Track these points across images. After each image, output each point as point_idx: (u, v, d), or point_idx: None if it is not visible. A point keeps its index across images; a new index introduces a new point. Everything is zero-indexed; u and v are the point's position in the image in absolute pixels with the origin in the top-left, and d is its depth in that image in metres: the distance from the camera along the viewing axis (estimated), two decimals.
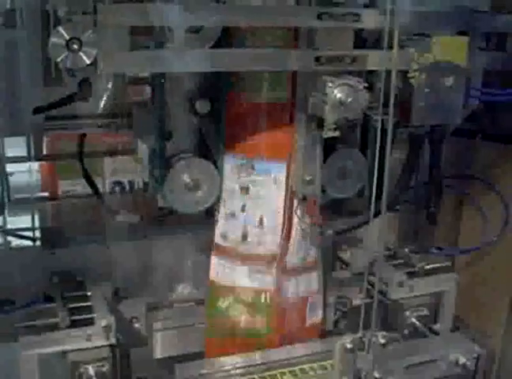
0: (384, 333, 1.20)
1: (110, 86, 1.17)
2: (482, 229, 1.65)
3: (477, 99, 1.33)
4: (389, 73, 1.08)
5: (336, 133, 1.14)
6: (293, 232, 1.35)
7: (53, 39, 0.95)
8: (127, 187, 1.62)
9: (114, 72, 1.07)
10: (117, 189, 1.58)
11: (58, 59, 0.95)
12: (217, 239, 1.37)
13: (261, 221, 1.31)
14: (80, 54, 0.96)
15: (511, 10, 1.31)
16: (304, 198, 1.32)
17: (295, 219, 1.34)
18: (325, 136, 1.14)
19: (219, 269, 1.38)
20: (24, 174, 1.64)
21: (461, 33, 1.23)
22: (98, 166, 1.58)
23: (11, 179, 1.70)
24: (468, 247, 1.66)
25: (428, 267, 1.59)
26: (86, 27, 0.96)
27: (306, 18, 1.10)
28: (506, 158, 1.57)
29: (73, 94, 1.08)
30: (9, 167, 1.62)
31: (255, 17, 1.09)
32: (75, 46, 0.95)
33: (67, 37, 0.95)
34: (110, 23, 0.99)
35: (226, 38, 1.16)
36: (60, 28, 0.95)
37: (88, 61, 0.96)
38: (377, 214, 1.20)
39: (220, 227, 1.35)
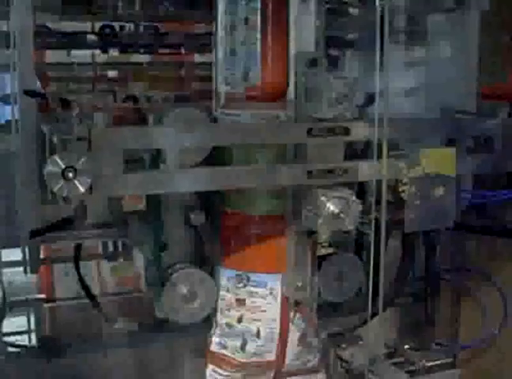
0: None
1: None
2: (482, 322, 1.64)
3: (468, 200, 1.34)
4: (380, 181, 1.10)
5: (330, 250, 1.15)
6: (290, 339, 1.34)
7: (49, 168, 0.97)
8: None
9: (108, 195, 1.09)
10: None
11: (55, 189, 0.96)
12: (213, 348, 1.36)
13: (258, 332, 1.31)
14: (75, 182, 0.97)
15: (496, 113, 1.33)
16: (296, 304, 1.32)
17: (292, 326, 1.33)
18: (319, 254, 1.15)
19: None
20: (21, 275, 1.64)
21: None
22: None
23: (6, 280, 1.70)
24: (469, 343, 1.65)
25: (429, 364, 1.58)
26: (80, 154, 0.98)
27: (296, 135, 1.12)
28: (504, 251, 1.58)
29: (71, 217, 1.09)
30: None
31: (247, 136, 1.11)
32: (70, 175, 0.96)
33: (63, 166, 0.96)
34: (104, 147, 1.02)
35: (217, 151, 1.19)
36: (56, 157, 0.96)
37: (82, 190, 0.97)
38: (373, 315, 1.21)
39: (217, 336, 1.35)
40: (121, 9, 1.88)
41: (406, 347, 1.62)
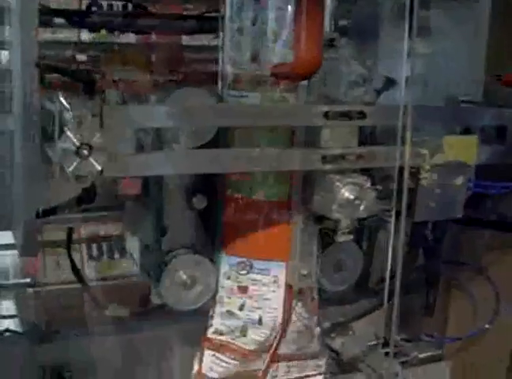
0: None
1: None
2: (472, 315, 1.64)
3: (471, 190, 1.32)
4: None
5: (351, 237, 1.12)
6: (290, 327, 1.32)
7: (62, 145, 0.91)
8: None
9: (119, 175, 1.03)
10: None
11: (70, 168, 0.91)
12: (210, 335, 1.32)
13: (260, 320, 1.28)
14: (91, 159, 0.92)
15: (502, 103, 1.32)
16: (300, 292, 1.29)
17: (293, 316, 1.30)
18: (339, 240, 1.12)
19: (212, 364, 1.33)
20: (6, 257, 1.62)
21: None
22: None
23: None
24: (461, 334, 1.64)
25: (421, 355, 1.57)
26: (94, 130, 0.93)
27: (312, 117, 1.09)
28: (498, 244, 1.57)
29: (79, 198, 1.05)
30: None
31: (260, 117, 1.07)
32: (85, 152, 0.91)
33: (77, 143, 0.91)
34: (116, 125, 0.97)
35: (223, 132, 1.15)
36: (69, 134, 0.91)
37: (99, 168, 0.92)
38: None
39: (215, 324, 1.31)
40: None
41: (398, 337, 1.60)
